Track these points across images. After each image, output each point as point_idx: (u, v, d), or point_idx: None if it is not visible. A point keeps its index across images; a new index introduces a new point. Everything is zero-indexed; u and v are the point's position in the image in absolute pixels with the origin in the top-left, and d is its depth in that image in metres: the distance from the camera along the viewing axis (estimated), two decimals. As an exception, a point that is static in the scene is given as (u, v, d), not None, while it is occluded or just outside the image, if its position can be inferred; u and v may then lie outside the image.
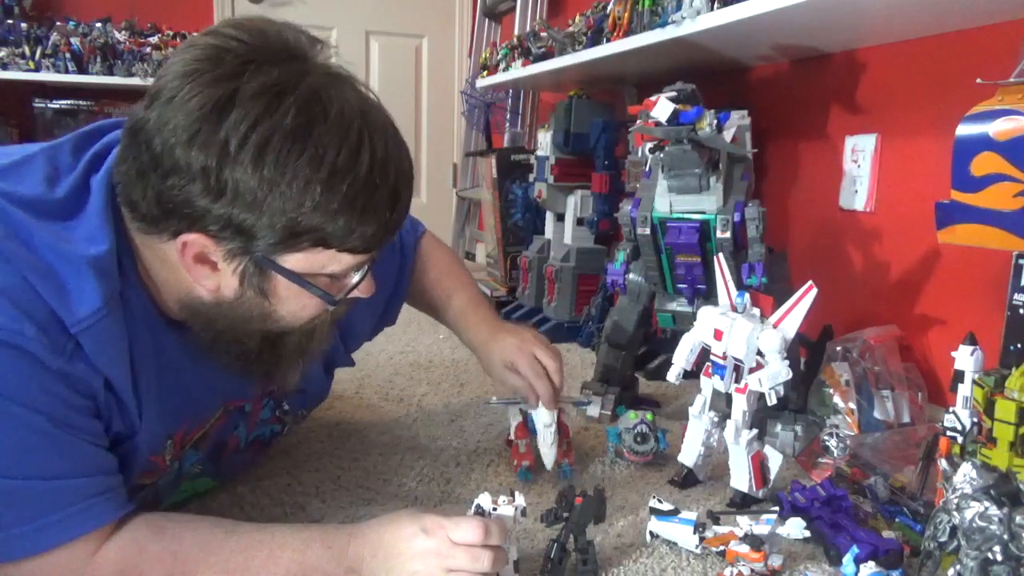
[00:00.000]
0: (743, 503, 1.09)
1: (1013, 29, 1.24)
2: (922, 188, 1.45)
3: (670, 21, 1.54)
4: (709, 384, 1.10)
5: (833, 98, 1.67)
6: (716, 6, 1.43)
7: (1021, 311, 1.02)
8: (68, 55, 3.19)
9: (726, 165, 1.33)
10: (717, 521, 0.96)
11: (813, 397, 1.35)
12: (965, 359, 0.92)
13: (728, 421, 1.07)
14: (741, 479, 1.08)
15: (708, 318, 1.08)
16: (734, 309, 1.09)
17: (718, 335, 1.05)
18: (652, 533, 0.97)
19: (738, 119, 1.39)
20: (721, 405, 1.13)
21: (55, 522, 0.71)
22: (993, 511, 0.70)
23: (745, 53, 1.77)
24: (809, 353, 1.41)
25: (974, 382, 0.90)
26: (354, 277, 0.82)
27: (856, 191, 1.60)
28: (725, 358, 1.06)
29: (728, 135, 1.32)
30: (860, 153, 1.59)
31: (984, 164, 0.98)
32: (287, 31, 0.75)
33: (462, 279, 1.32)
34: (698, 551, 0.95)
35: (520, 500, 0.86)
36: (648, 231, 1.35)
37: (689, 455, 1.15)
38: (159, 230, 0.74)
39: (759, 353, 1.03)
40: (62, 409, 0.71)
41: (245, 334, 0.84)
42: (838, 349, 1.37)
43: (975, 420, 0.89)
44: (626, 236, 1.43)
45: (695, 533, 0.94)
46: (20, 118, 3.34)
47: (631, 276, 1.48)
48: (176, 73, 0.71)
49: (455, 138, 3.98)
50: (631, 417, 1.24)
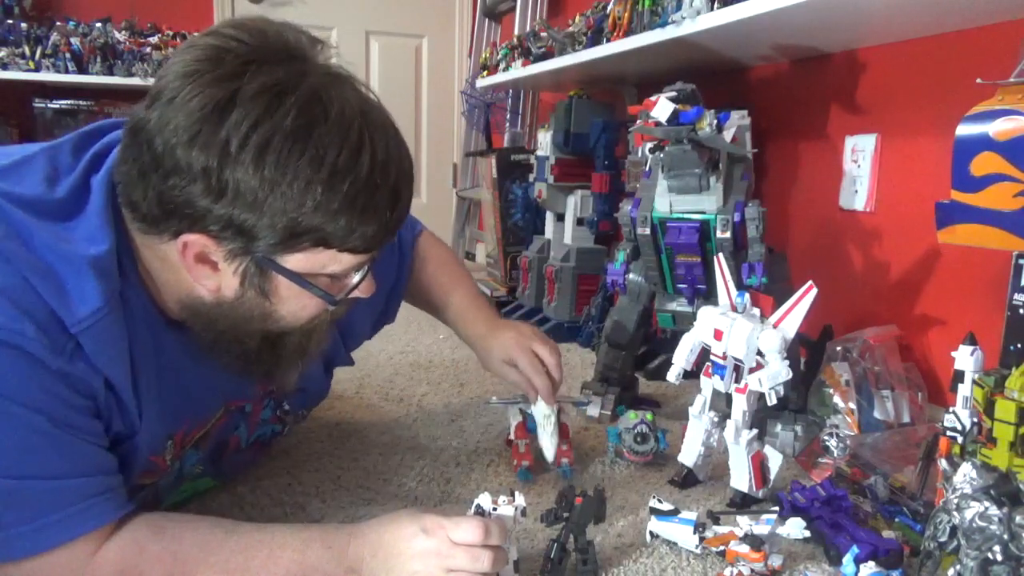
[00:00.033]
0: (743, 503, 1.09)
1: (1013, 29, 1.24)
2: (922, 188, 1.45)
3: (670, 21, 1.54)
4: (709, 384, 1.10)
5: (833, 98, 1.67)
6: (716, 6, 1.43)
7: (1021, 311, 1.02)
8: (68, 55, 3.19)
9: (726, 165, 1.33)
10: (717, 521, 0.96)
11: (813, 397, 1.35)
12: (965, 359, 0.92)
13: (728, 421, 1.07)
14: (741, 479, 1.08)
15: (708, 318, 1.08)
16: (734, 309, 1.09)
17: (718, 335, 1.06)
18: (652, 533, 0.97)
19: (738, 119, 1.39)
20: (721, 405, 1.13)
21: (55, 522, 0.71)
22: (993, 511, 0.70)
23: (745, 53, 1.77)
24: (809, 353, 1.41)
25: (974, 382, 0.90)
26: (354, 277, 0.82)
27: (856, 191, 1.60)
28: (725, 358, 1.06)
29: (728, 135, 1.32)
30: (860, 153, 1.59)
31: (984, 164, 0.98)
32: (287, 31, 0.75)
33: (460, 276, 1.32)
34: (698, 551, 0.95)
35: (520, 500, 0.86)
36: (648, 231, 1.36)
37: (689, 455, 1.15)
38: (160, 230, 0.74)
39: (759, 353, 1.03)
40: (62, 409, 0.71)
41: (246, 334, 0.84)
42: (838, 349, 1.37)
43: (975, 420, 0.89)
44: (626, 236, 1.43)
45: (695, 533, 0.94)
46: (20, 118, 3.34)
47: (631, 276, 1.48)
48: (177, 74, 0.71)
49: (455, 138, 3.98)
50: (631, 417, 1.24)
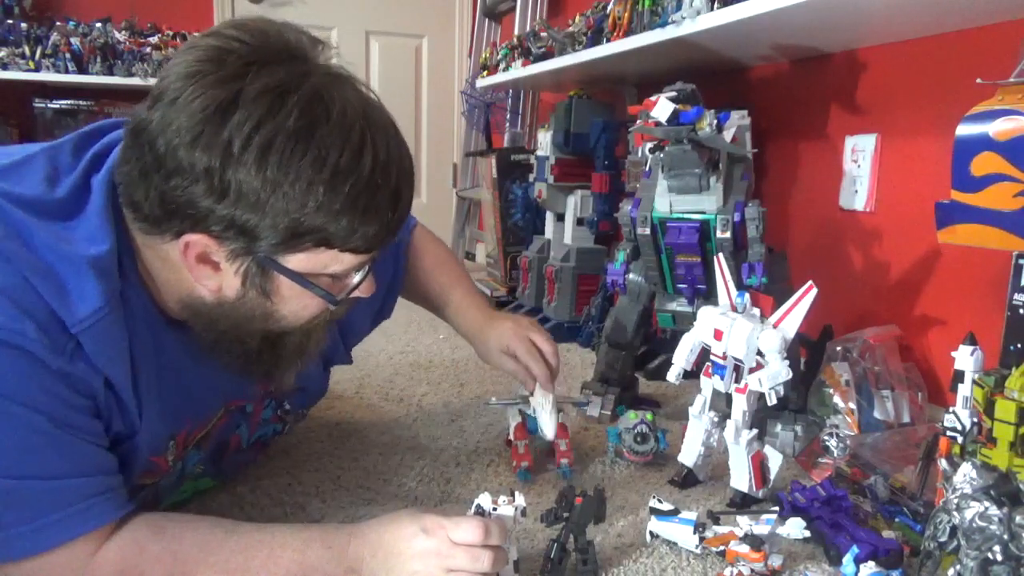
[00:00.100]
0: (743, 503, 1.09)
1: (1013, 29, 1.25)
2: (922, 188, 1.45)
3: (670, 21, 1.54)
4: (709, 384, 1.10)
5: (833, 98, 1.67)
6: (716, 6, 1.43)
7: (1021, 311, 1.02)
8: (68, 55, 3.19)
9: (726, 165, 1.33)
10: (717, 521, 0.96)
11: (813, 397, 1.34)
12: (965, 359, 0.92)
13: (728, 421, 1.07)
14: (741, 479, 1.08)
15: (708, 318, 1.08)
16: (734, 309, 1.09)
17: (718, 335, 1.06)
18: (652, 533, 0.97)
19: (738, 119, 1.39)
20: (721, 405, 1.13)
21: (55, 522, 0.71)
22: (993, 511, 0.70)
23: (745, 53, 1.77)
24: (809, 353, 1.41)
25: (974, 382, 0.90)
26: (355, 277, 0.83)
27: (856, 191, 1.60)
28: (725, 358, 1.06)
29: (728, 135, 1.32)
30: (860, 153, 1.59)
31: (984, 164, 0.98)
32: (288, 31, 0.75)
33: (455, 270, 1.33)
34: (698, 551, 0.95)
35: (520, 500, 0.86)
36: (648, 231, 1.36)
37: (689, 455, 1.15)
38: (161, 230, 0.74)
39: (759, 353, 1.03)
40: (62, 409, 0.71)
41: (247, 334, 0.84)
42: (838, 349, 1.37)
43: (975, 420, 0.89)
44: (626, 236, 1.43)
45: (695, 533, 0.94)
46: (20, 118, 3.33)
47: (631, 276, 1.48)
48: (179, 74, 0.71)
49: (455, 138, 3.97)
50: (631, 417, 1.24)
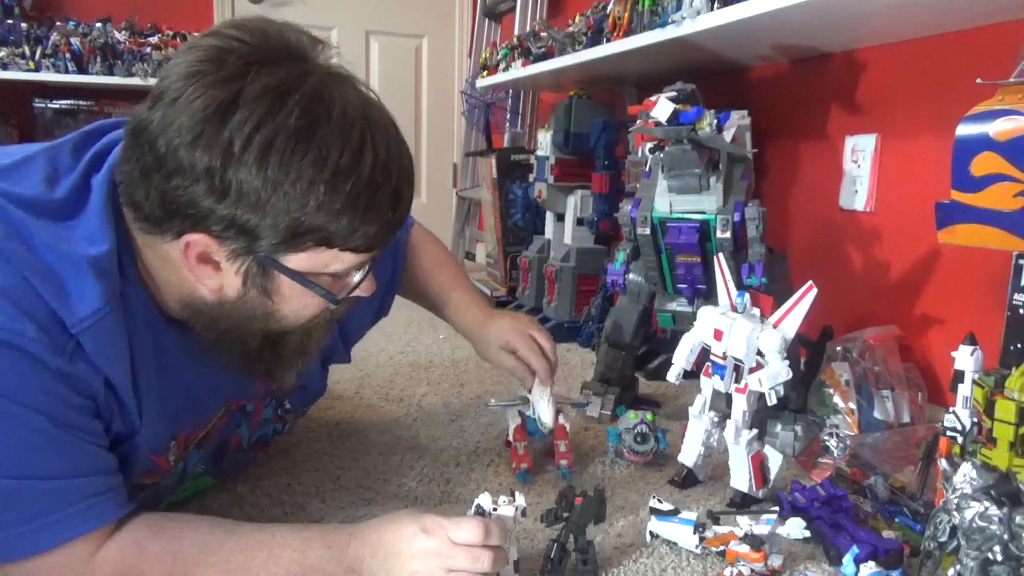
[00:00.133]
0: (743, 503, 1.09)
1: (1013, 29, 1.25)
2: (922, 188, 1.45)
3: (670, 21, 1.54)
4: (709, 384, 1.10)
5: (833, 98, 1.67)
6: (716, 6, 1.43)
7: (1021, 311, 1.02)
8: (68, 55, 3.19)
9: (726, 165, 1.33)
10: (717, 521, 0.96)
11: (813, 397, 1.34)
12: (965, 359, 0.92)
13: (728, 421, 1.07)
14: (741, 479, 1.08)
15: (708, 318, 1.08)
16: (734, 309, 1.09)
17: (718, 335, 1.05)
18: (652, 533, 0.97)
19: (738, 119, 1.39)
20: (721, 405, 1.13)
21: (55, 522, 0.71)
22: (993, 511, 0.70)
23: (745, 53, 1.77)
24: (809, 353, 1.41)
25: (974, 382, 0.90)
26: (356, 276, 0.83)
27: (856, 191, 1.60)
28: (725, 358, 1.06)
29: (728, 135, 1.32)
30: (860, 153, 1.59)
31: (984, 164, 0.98)
32: (288, 31, 0.76)
33: (453, 268, 1.34)
34: (698, 551, 0.95)
35: (520, 500, 0.86)
36: (648, 231, 1.36)
37: (689, 455, 1.15)
38: (162, 230, 0.74)
39: (759, 353, 1.03)
40: (62, 409, 0.71)
41: (248, 333, 0.84)
42: (838, 349, 1.37)
43: (975, 420, 0.89)
44: (626, 236, 1.43)
45: (695, 533, 0.94)
46: (20, 118, 3.33)
47: (631, 276, 1.48)
48: (179, 74, 0.71)
49: (455, 138, 3.97)
50: (631, 417, 1.24)
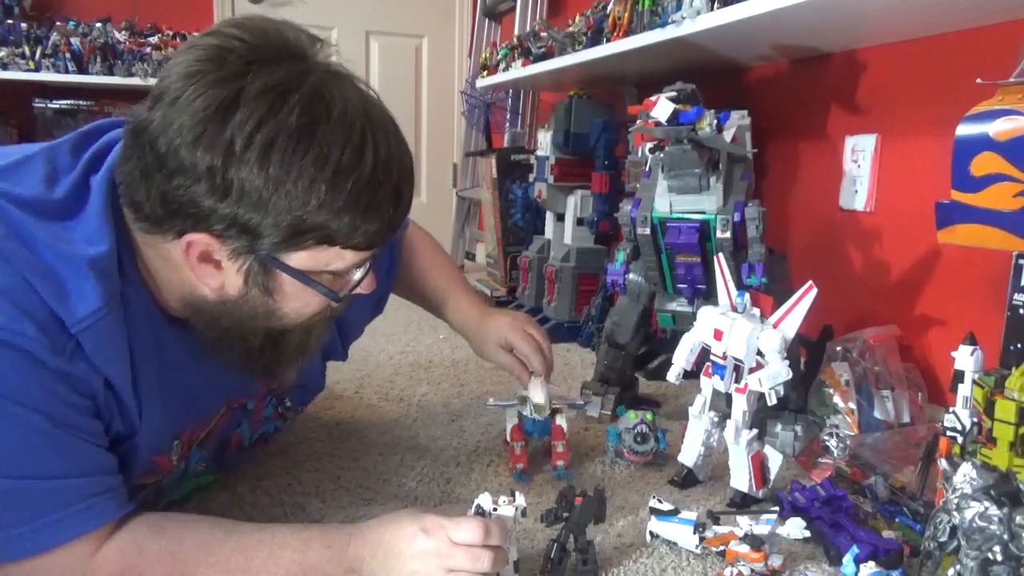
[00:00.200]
0: (743, 503, 1.09)
1: (1013, 29, 1.25)
2: (922, 188, 1.45)
3: (670, 21, 1.54)
4: (709, 384, 1.10)
5: (833, 98, 1.67)
6: (716, 6, 1.43)
7: (1021, 311, 1.02)
8: (68, 55, 3.19)
9: (726, 165, 1.33)
10: (717, 521, 0.96)
11: (813, 397, 1.34)
12: (965, 359, 0.92)
13: (728, 421, 1.07)
14: (741, 479, 1.08)
15: (708, 318, 1.08)
16: (734, 309, 1.09)
17: (718, 335, 1.05)
18: (652, 533, 0.97)
19: (738, 119, 1.39)
20: (721, 405, 1.13)
21: (55, 522, 0.71)
22: (993, 511, 0.70)
23: (745, 53, 1.77)
24: (809, 353, 1.41)
25: (974, 382, 0.90)
26: (357, 273, 0.83)
27: (856, 191, 1.60)
28: (725, 358, 1.06)
29: (728, 135, 1.32)
30: (860, 153, 1.59)
31: (984, 164, 0.98)
32: (287, 29, 0.76)
33: (450, 267, 1.35)
34: (698, 551, 0.95)
35: (520, 500, 0.86)
36: (648, 231, 1.36)
37: (689, 455, 1.15)
38: (163, 230, 0.74)
39: (759, 353, 1.03)
40: (62, 409, 0.71)
41: (249, 332, 0.84)
42: (838, 349, 1.37)
43: (975, 420, 0.89)
44: (626, 236, 1.43)
45: (695, 533, 0.94)
46: (20, 118, 3.33)
47: (631, 276, 1.48)
48: (179, 74, 0.71)
49: (455, 138, 3.97)
50: (631, 417, 1.24)
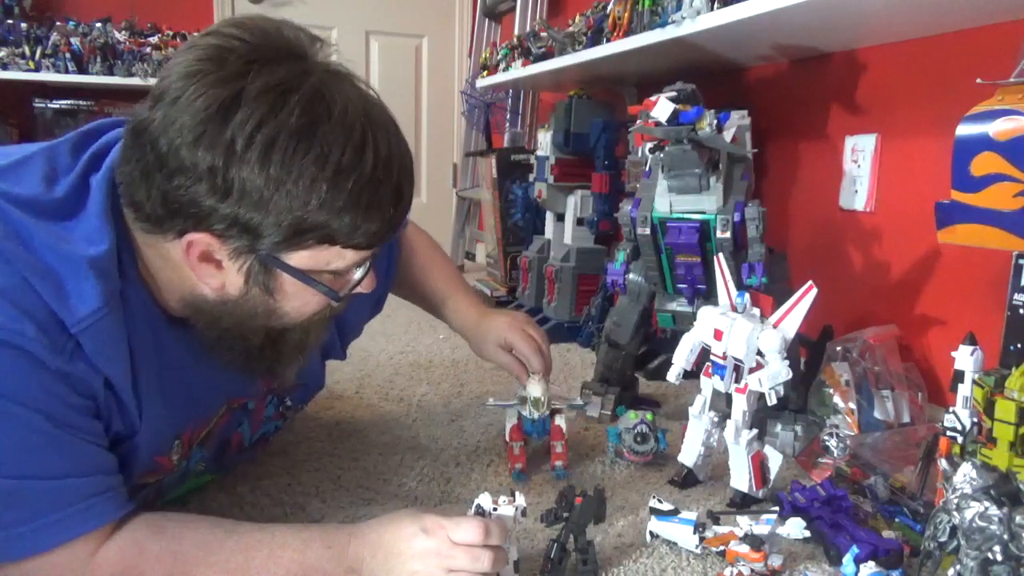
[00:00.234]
0: (743, 503, 1.09)
1: (1013, 29, 1.25)
2: (922, 188, 1.45)
3: (670, 21, 1.54)
4: (709, 384, 1.10)
5: (833, 98, 1.67)
6: (716, 6, 1.43)
7: (1021, 311, 1.02)
8: (68, 55, 3.19)
9: (726, 165, 1.33)
10: (717, 521, 0.96)
11: (813, 397, 1.34)
12: (965, 359, 0.92)
13: (728, 421, 1.07)
14: (741, 479, 1.08)
15: (708, 318, 1.08)
16: (734, 309, 1.09)
17: (718, 335, 1.05)
18: (652, 533, 0.97)
19: (738, 119, 1.39)
20: (721, 405, 1.13)
21: (55, 522, 0.71)
22: (993, 511, 0.70)
23: (745, 53, 1.77)
24: (809, 353, 1.41)
25: (974, 382, 0.90)
26: (357, 273, 0.83)
27: (856, 191, 1.60)
28: (725, 358, 1.06)
29: (728, 135, 1.32)
30: (860, 153, 1.59)
31: (984, 164, 0.98)
32: (286, 29, 0.76)
33: (448, 267, 1.35)
34: (698, 551, 0.95)
35: (520, 500, 0.86)
36: (648, 231, 1.36)
37: (689, 455, 1.15)
38: (164, 230, 0.74)
39: (759, 353, 1.03)
40: (62, 409, 0.71)
41: (249, 331, 0.84)
42: (838, 349, 1.37)
43: (975, 420, 0.89)
44: (626, 236, 1.43)
45: (695, 533, 0.94)
46: (20, 118, 3.33)
47: (631, 276, 1.48)
48: (180, 74, 0.71)
49: (455, 138, 3.97)
50: (631, 417, 1.24)
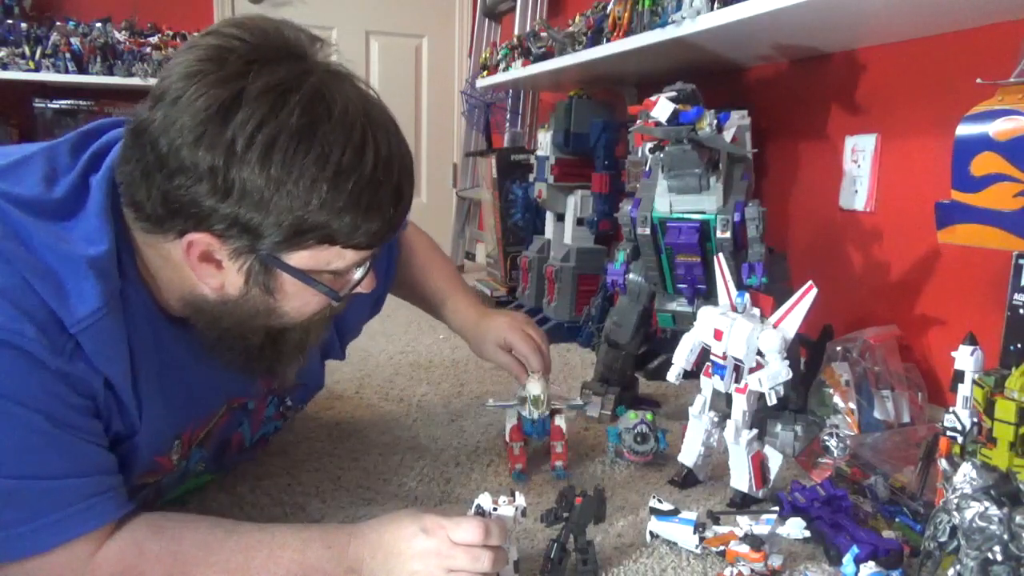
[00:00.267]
0: (743, 503, 1.09)
1: (1013, 29, 1.25)
2: (922, 188, 1.45)
3: (670, 21, 1.54)
4: (709, 384, 1.10)
5: (833, 98, 1.67)
6: (716, 6, 1.43)
7: (1021, 311, 1.02)
8: (68, 55, 3.19)
9: (726, 165, 1.33)
10: (717, 521, 0.96)
11: (813, 397, 1.34)
12: (965, 359, 0.92)
13: (728, 421, 1.07)
14: (741, 479, 1.08)
15: (708, 318, 1.08)
16: (734, 309, 1.09)
17: (718, 335, 1.05)
18: (652, 533, 0.97)
19: (738, 119, 1.39)
20: (721, 405, 1.13)
21: (55, 522, 0.71)
22: (993, 511, 0.70)
23: (745, 53, 1.76)
24: (809, 353, 1.41)
25: (974, 382, 0.90)
26: (357, 272, 0.83)
27: (856, 191, 1.60)
28: (725, 358, 1.06)
29: (728, 135, 1.32)
30: (860, 153, 1.59)
31: (984, 164, 0.98)
32: (286, 29, 0.76)
33: (447, 267, 1.35)
34: (698, 551, 0.95)
35: (520, 500, 0.86)
36: (648, 231, 1.36)
37: (689, 455, 1.15)
38: (164, 230, 0.74)
39: (759, 353, 1.03)
40: (62, 409, 0.71)
41: (249, 331, 0.84)
42: (838, 349, 1.37)
43: (975, 420, 0.89)
44: (626, 236, 1.43)
45: (695, 533, 0.94)
46: (20, 118, 3.33)
47: (631, 276, 1.48)
48: (180, 74, 0.71)
49: (455, 138, 3.97)
50: (631, 417, 1.24)
